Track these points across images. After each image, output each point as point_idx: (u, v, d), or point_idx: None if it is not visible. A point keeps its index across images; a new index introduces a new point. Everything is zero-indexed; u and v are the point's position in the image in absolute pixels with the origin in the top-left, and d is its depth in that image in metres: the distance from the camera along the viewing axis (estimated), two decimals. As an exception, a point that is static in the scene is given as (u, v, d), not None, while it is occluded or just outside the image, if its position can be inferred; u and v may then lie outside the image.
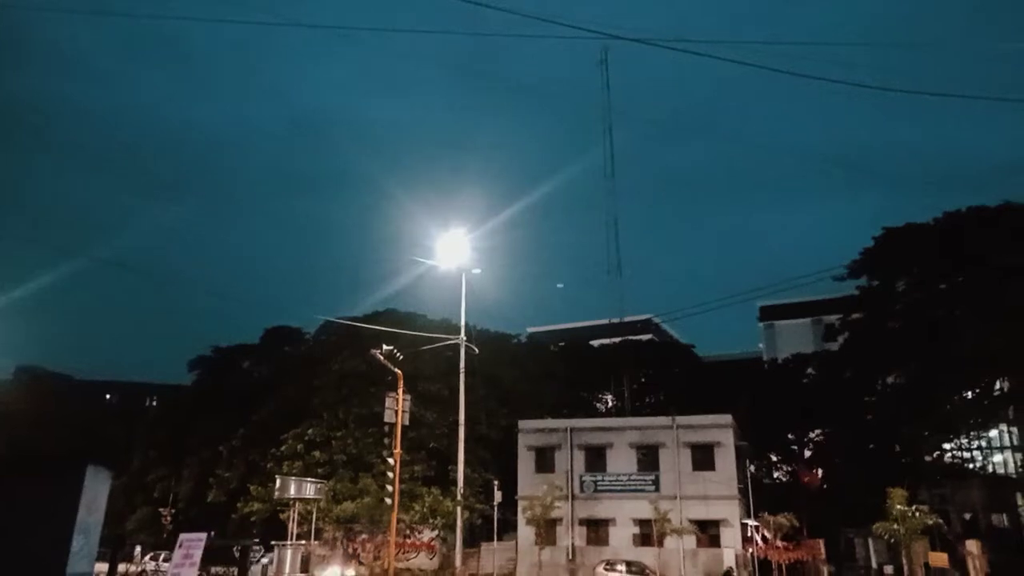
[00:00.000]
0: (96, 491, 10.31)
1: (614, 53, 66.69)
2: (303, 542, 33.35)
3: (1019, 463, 52.26)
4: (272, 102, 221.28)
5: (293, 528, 32.96)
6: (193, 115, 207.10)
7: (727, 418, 39.04)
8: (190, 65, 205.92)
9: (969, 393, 44.22)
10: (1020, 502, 40.92)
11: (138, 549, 44.91)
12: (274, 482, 33.05)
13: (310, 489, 33.25)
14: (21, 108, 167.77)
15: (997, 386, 43.84)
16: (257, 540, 39.26)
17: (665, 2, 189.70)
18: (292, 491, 32.45)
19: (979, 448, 54.47)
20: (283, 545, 30.80)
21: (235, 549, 28.60)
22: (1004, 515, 43.68)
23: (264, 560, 32.81)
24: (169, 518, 50.60)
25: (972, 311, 40.33)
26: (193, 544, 13.65)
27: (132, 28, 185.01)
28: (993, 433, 54.34)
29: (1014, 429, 54.29)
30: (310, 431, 43.47)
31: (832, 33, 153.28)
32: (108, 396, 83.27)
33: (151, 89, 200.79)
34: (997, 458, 56.32)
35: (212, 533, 44.65)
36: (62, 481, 9.90)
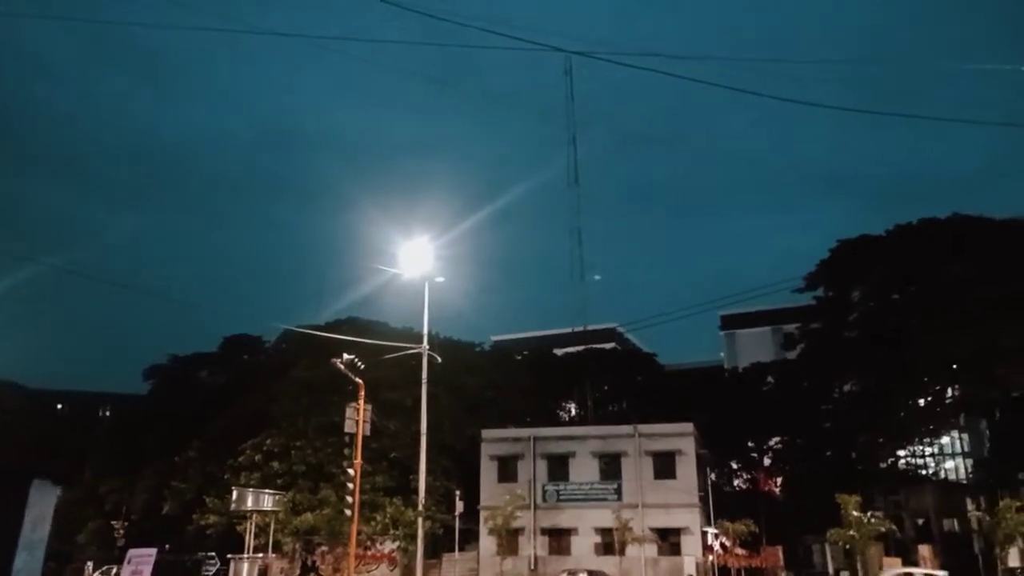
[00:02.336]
0: (42, 506, 9.99)
1: (581, 62, 67.20)
2: (260, 555, 32.71)
3: (969, 469, 53.65)
4: (239, 109, 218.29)
5: (250, 541, 32.33)
6: (157, 121, 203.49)
7: (688, 427, 39.37)
8: (157, 71, 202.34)
9: (921, 401, 45.28)
10: (970, 507, 41.95)
11: (89, 564, 43.61)
12: (231, 493, 32.40)
13: (268, 501, 32.68)
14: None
15: (949, 393, 44.95)
16: (212, 553, 38.42)
17: (632, 12, 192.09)
18: (249, 503, 31.86)
19: (932, 455, 55.86)
20: (239, 558, 30.18)
21: (187, 562, 27.98)
22: (955, 520, 44.73)
23: (210, 573, 32.08)
24: (122, 531, 49.26)
25: (924, 320, 41.35)
26: (142, 560, 13.28)
27: (101, 33, 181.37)
28: (945, 440, 55.80)
29: (965, 436, 55.82)
30: (268, 441, 42.74)
31: (794, 49, 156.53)
32: (60, 406, 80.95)
33: (117, 94, 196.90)
34: (949, 464, 57.79)
35: (167, 547, 43.62)
36: (6, 497, 9.58)
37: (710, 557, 37.53)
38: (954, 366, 42.01)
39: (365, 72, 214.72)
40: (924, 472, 53.27)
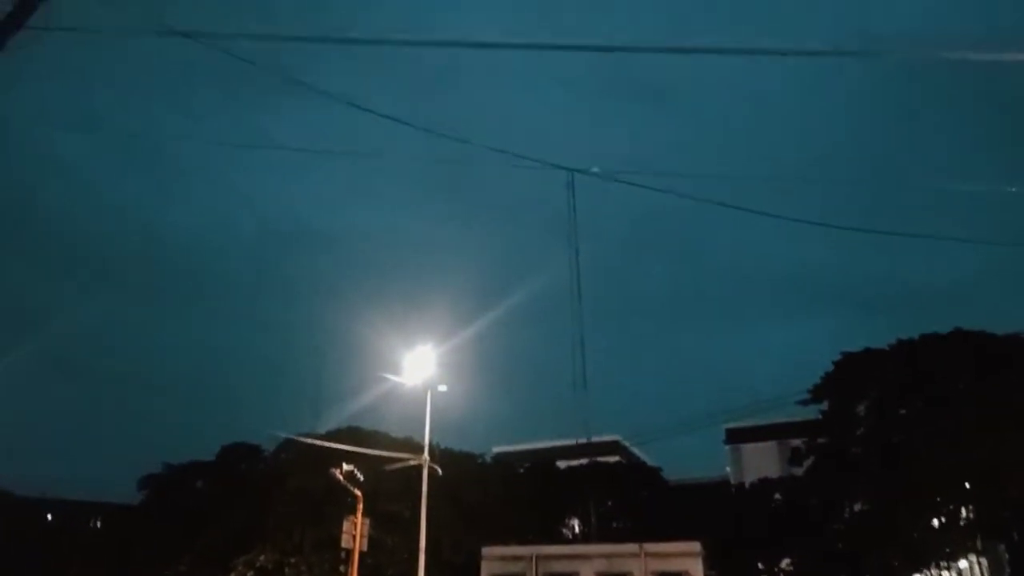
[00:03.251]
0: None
1: (582, 175, 69.31)
2: None
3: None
4: (245, 215, 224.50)
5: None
6: (164, 223, 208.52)
7: (696, 546, 38.07)
8: (168, 173, 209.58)
9: (936, 521, 43.94)
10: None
11: None
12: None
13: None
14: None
15: (963, 513, 43.66)
16: None
17: (628, 133, 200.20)
18: (239, 623, 30.55)
19: (950, 580, 53.49)
20: None
21: None
22: (978, 652, 42.44)
23: None
24: (102, 653, 46.98)
25: (931, 437, 40.79)
26: None
27: (118, 137, 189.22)
28: (963, 564, 53.54)
29: (984, 560, 53.59)
30: (262, 557, 41.45)
31: (787, 167, 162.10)
32: (50, 516, 78.74)
33: (126, 194, 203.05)
34: (969, 591, 55.21)
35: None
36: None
37: None
38: (966, 484, 41.05)
39: (373, 181, 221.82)
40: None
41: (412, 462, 33.90)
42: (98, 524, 71.31)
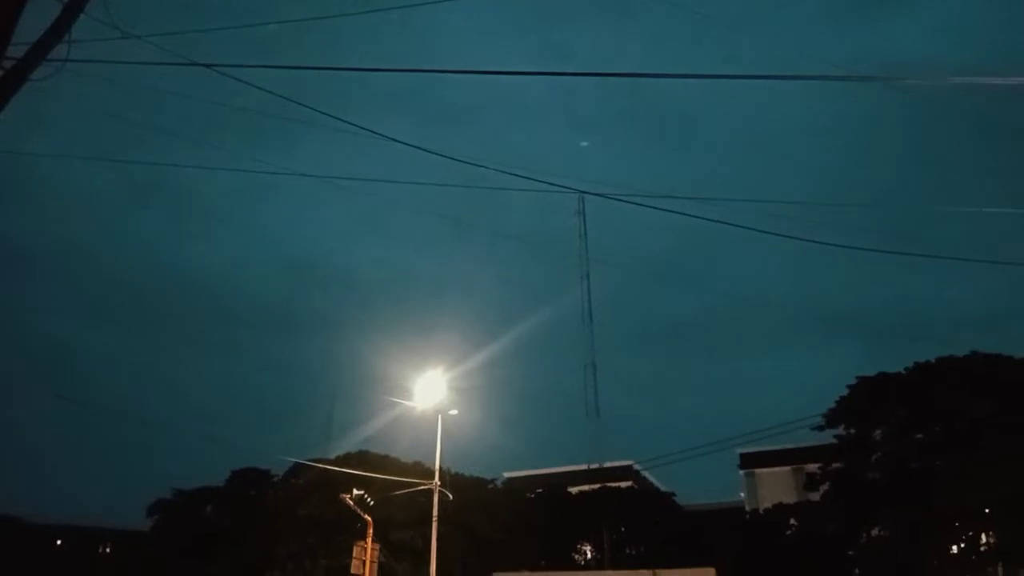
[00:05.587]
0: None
1: (594, 202, 69.43)
2: None
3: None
4: (264, 245, 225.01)
5: None
6: (182, 256, 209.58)
7: (710, 572, 37.44)
8: (188, 207, 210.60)
9: (955, 548, 43.11)
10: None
11: None
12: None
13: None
14: (12, 246, 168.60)
15: (984, 539, 42.84)
16: None
17: (642, 156, 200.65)
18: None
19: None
20: None
21: None
22: None
23: None
24: None
25: (949, 462, 40.15)
26: None
27: (133, 171, 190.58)
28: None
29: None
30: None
31: (804, 194, 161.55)
32: (59, 542, 78.48)
33: (144, 227, 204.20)
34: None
35: None
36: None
37: None
38: (986, 510, 40.31)
39: (384, 210, 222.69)
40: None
41: (423, 487, 33.64)
42: (107, 550, 71.07)
